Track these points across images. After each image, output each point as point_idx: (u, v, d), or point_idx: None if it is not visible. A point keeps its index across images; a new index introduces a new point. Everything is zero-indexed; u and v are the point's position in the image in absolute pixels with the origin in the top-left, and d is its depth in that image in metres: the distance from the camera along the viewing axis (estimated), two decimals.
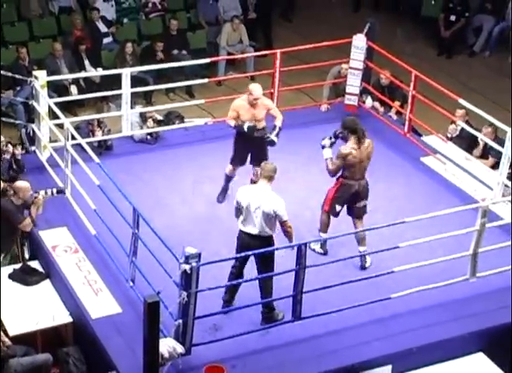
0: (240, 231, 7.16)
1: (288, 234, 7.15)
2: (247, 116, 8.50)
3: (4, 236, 7.77)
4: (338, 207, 7.96)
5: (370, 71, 10.78)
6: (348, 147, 7.78)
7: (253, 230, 7.07)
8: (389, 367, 7.07)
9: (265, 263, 7.09)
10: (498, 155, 9.44)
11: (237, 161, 8.69)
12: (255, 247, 7.00)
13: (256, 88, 8.48)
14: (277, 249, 7.04)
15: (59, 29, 13.37)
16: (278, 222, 7.09)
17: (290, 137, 9.21)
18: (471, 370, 7.18)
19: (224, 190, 8.84)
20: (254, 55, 13.17)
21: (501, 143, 9.25)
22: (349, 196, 7.92)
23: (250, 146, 8.61)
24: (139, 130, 9.92)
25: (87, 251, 8.01)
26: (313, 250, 7.89)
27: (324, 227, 8.04)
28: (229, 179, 8.84)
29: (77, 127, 9.10)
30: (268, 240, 7.09)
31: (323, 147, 7.94)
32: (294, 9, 16.31)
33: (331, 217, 8.03)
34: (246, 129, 8.43)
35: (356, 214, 8.00)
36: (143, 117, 10.00)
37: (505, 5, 15.01)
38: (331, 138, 7.97)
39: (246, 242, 7.11)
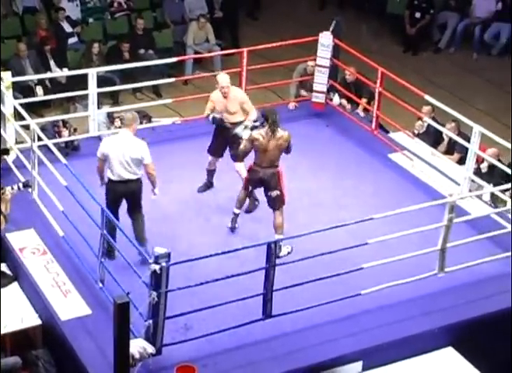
0: (110, 179, 7.81)
1: (151, 176, 7.85)
2: (220, 107, 8.71)
3: None
4: (249, 188, 8.37)
5: (337, 69, 10.82)
6: (258, 133, 8.07)
7: (123, 175, 7.72)
8: (360, 364, 7.10)
9: (137, 204, 7.88)
10: (463, 151, 9.57)
11: (213, 152, 8.93)
12: (127, 190, 7.78)
13: (222, 78, 8.70)
14: (247, 247, 7.09)
15: (23, 30, 13.34)
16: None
17: None
18: (441, 364, 7.24)
19: (207, 184, 9.06)
20: (220, 54, 13.21)
21: (465, 138, 9.36)
22: (256, 182, 8.22)
23: (224, 139, 8.78)
24: (106, 130, 9.88)
25: (55, 253, 7.97)
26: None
27: (238, 203, 8.38)
28: (209, 172, 9.01)
29: (43, 128, 9.04)
30: (137, 181, 7.82)
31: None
32: (260, 8, 16.40)
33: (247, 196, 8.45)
34: (210, 119, 8.68)
35: (269, 203, 8.24)
36: (110, 117, 9.99)
37: (468, 2, 15.22)
38: (246, 127, 8.44)
39: (117, 187, 7.79)
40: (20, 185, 8.08)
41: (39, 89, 11.74)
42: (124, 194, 7.85)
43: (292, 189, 8.65)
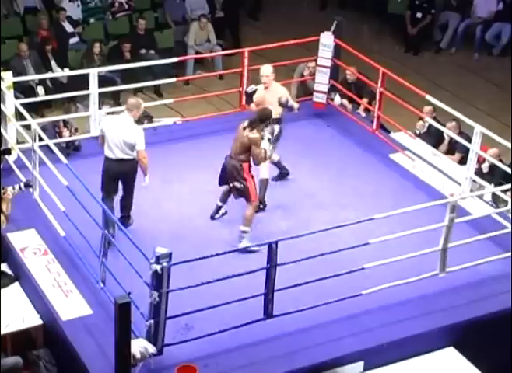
0: (106, 157, 8.07)
1: (142, 163, 8.04)
2: (260, 97, 8.80)
3: None
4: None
5: (338, 69, 10.84)
6: (244, 121, 8.11)
7: (117, 155, 8.00)
8: (361, 364, 7.11)
9: (129, 185, 8.19)
10: (464, 151, 9.58)
11: None
12: (121, 169, 8.07)
13: (263, 68, 8.87)
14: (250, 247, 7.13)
15: (24, 30, 13.38)
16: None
17: None
18: (442, 364, 7.25)
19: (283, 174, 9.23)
20: (222, 54, 13.24)
21: (467, 138, 9.37)
22: (223, 168, 8.24)
23: None
24: None
25: (56, 253, 7.98)
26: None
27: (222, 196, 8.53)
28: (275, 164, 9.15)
29: (43, 129, 9.04)
30: (131, 162, 8.06)
31: None
32: (261, 8, 16.42)
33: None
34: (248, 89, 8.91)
35: (233, 193, 8.29)
36: None
37: (469, 2, 15.26)
38: (269, 140, 8.31)
39: (111, 165, 8.11)
40: (21, 185, 8.11)
41: (40, 89, 11.76)
42: (118, 173, 8.11)
43: (294, 189, 8.69)
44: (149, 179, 8.16)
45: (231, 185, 8.20)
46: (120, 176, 8.15)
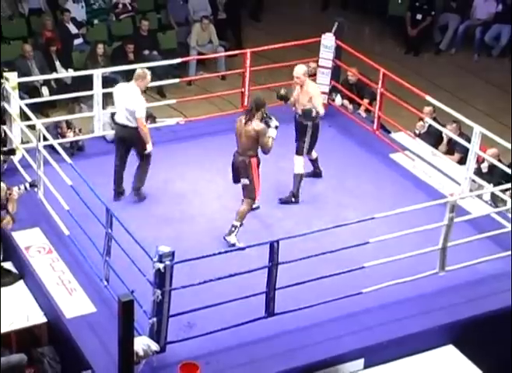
0: (114, 121, 8.66)
1: (141, 130, 8.45)
2: (294, 98, 8.92)
3: None
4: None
5: (339, 70, 10.87)
6: (241, 116, 8.17)
7: (122, 121, 8.53)
8: (361, 361, 7.14)
9: (138, 151, 8.64)
10: (463, 151, 9.59)
11: None
12: (124, 135, 8.58)
13: (295, 69, 8.90)
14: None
15: (29, 31, 13.39)
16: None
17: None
18: (441, 362, 7.27)
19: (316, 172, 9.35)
20: (224, 55, 13.26)
21: (466, 139, 9.39)
22: (232, 167, 8.27)
23: (295, 129, 9.05)
24: (111, 130, 9.84)
25: (61, 251, 8.01)
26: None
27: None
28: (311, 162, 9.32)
29: (46, 129, 9.07)
30: (133, 130, 8.49)
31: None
32: (263, 9, 16.42)
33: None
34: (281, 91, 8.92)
35: (242, 190, 8.24)
36: None
37: (469, 4, 15.28)
38: (277, 127, 8.28)
39: (117, 130, 8.71)
40: (27, 185, 8.15)
41: (44, 90, 11.79)
42: (122, 138, 8.63)
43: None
44: (151, 147, 8.61)
45: (241, 181, 8.21)
46: (124, 141, 8.62)
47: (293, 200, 8.86)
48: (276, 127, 8.16)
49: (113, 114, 9.98)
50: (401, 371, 7.15)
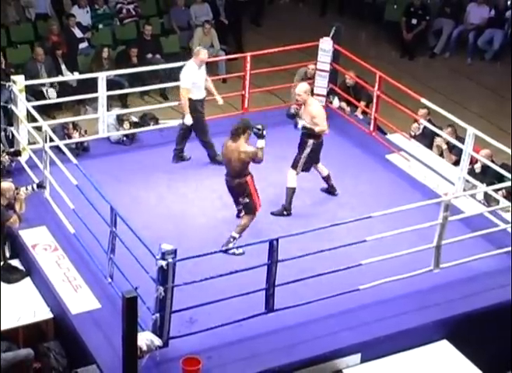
0: None
1: (180, 101, 9.26)
2: (300, 113, 8.85)
3: None
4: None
5: (337, 73, 10.93)
6: (226, 141, 8.06)
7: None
8: (358, 356, 7.20)
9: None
10: (457, 153, 9.65)
11: None
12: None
13: (298, 86, 8.86)
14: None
15: (36, 35, 13.43)
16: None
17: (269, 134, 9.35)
18: (436, 357, 7.33)
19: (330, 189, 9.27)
20: (225, 58, 13.33)
21: (460, 141, 9.42)
22: (229, 190, 8.21)
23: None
24: (115, 131, 10.00)
25: (66, 249, 8.05)
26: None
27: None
28: (324, 178, 9.32)
29: (52, 131, 8.98)
30: (189, 101, 9.22)
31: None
32: (263, 15, 16.44)
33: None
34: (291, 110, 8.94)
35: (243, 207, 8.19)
36: (119, 119, 10.06)
37: (463, 9, 15.33)
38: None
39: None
40: (34, 186, 8.23)
41: (51, 92, 11.80)
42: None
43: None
44: (188, 120, 9.21)
45: (240, 201, 8.13)
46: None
47: (285, 213, 8.75)
48: (264, 137, 8.08)
49: (118, 116, 10.19)
50: (396, 366, 7.20)
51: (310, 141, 8.77)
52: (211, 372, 6.79)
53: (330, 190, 9.19)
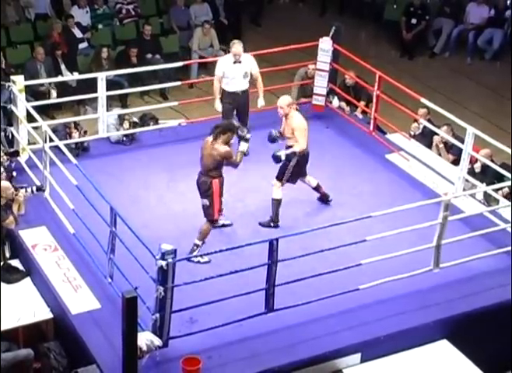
0: None
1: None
2: (282, 128, 8.72)
3: None
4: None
5: (336, 73, 10.95)
6: (207, 137, 8.00)
7: None
8: (358, 355, 7.21)
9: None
10: (457, 152, 9.66)
11: None
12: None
13: (280, 99, 8.71)
14: None
15: (35, 35, 13.44)
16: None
17: (263, 136, 9.36)
18: (436, 356, 7.34)
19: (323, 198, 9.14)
20: None
21: (459, 140, 9.43)
22: (196, 185, 8.10)
23: None
24: (115, 131, 10.01)
25: (66, 249, 8.06)
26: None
27: None
28: (315, 189, 9.20)
29: (54, 130, 9.13)
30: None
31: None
32: (263, 14, 16.46)
33: None
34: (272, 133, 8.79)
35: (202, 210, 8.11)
36: (119, 119, 10.08)
37: (462, 9, 15.35)
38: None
39: None
40: (34, 188, 8.23)
41: (53, 92, 11.86)
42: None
43: (294, 188, 8.77)
44: (216, 105, 9.72)
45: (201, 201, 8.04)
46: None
47: (272, 224, 8.61)
48: (247, 140, 8.09)
49: (119, 116, 10.20)
50: (396, 366, 7.21)
51: (295, 156, 8.61)
52: (211, 372, 6.80)
53: (323, 199, 9.09)
